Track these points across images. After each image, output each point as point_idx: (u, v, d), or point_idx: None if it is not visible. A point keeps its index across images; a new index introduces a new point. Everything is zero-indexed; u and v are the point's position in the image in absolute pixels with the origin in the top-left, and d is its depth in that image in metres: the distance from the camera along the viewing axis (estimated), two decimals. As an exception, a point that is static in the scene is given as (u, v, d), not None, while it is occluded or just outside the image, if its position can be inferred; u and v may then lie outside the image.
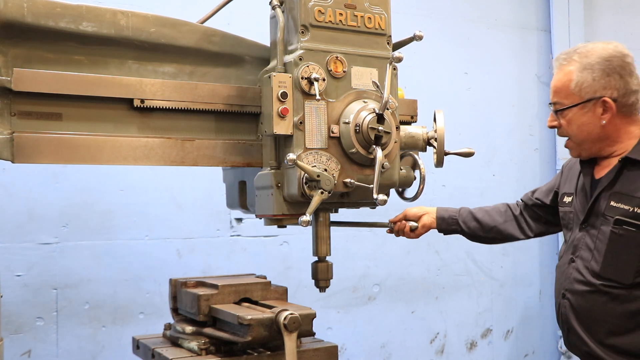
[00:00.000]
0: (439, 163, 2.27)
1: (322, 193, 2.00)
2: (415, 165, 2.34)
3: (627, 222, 2.06)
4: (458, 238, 2.70)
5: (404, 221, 2.57)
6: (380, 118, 2.03)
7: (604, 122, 2.13)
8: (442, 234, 2.67)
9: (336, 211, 2.34)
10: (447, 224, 2.61)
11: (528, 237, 2.61)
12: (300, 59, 2.06)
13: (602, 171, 2.22)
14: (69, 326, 3.38)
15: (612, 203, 2.11)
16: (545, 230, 2.63)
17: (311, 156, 2.05)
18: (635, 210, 2.05)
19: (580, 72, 2.13)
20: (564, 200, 2.37)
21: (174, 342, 2.31)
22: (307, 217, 1.97)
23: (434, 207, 2.63)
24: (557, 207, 2.45)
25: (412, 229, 2.55)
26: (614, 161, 2.18)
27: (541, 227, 2.60)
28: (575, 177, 2.35)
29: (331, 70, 2.09)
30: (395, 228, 2.57)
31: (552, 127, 2.25)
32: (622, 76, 2.11)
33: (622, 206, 2.08)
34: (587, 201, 2.21)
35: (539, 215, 2.58)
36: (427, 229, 2.59)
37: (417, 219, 2.57)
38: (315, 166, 2.04)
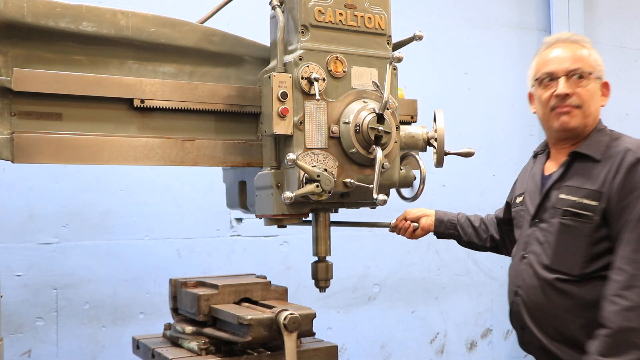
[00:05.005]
0: (439, 163, 2.27)
1: (317, 187, 2.00)
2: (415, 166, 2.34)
3: (574, 212, 2.10)
4: (458, 237, 2.70)
5: (407, 221, 2.58)
6: (380, 118, 2.03)
7: (603, 103, 2.22)
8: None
9: (336, 211, 2.34)
10: (445, 227, 2.62)
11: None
12: (300, 59, 2.06)
13: (552, 167, 2.27)
14: (69, 326, 3.38)
15: (562, 195, 2.14)
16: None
17: (308, 157, 2.04)
18: (582, 201, 2.08)
19: (594, 54, 2.21)
20: (516, 201, 2.40)
21: (174, 342, 2.31)
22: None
23: (433, 210, 2.64)
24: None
25: (414, 229, 2.59)
26: (562, 157, 2.22)
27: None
28: (526, 178, 2.39)
29: (331, 70, 2.09)
30: (399, 227, 2.59)
31: (566, 94, 2.17)
32: None
33: (570, 198, 2.12)
34: (537, 197, 2.25)
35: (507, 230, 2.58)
36: (425, 232, 2.62)
37: (416, 221, 2.60)
38: (315, 166, 2.04)
